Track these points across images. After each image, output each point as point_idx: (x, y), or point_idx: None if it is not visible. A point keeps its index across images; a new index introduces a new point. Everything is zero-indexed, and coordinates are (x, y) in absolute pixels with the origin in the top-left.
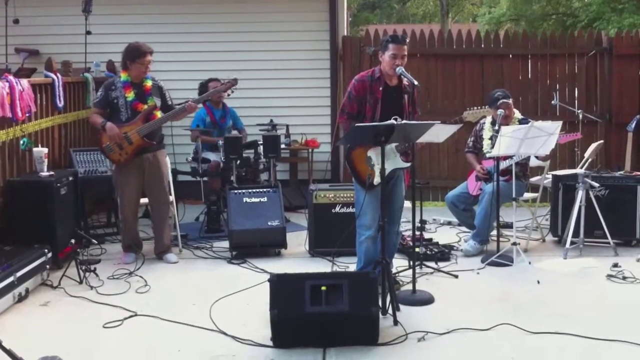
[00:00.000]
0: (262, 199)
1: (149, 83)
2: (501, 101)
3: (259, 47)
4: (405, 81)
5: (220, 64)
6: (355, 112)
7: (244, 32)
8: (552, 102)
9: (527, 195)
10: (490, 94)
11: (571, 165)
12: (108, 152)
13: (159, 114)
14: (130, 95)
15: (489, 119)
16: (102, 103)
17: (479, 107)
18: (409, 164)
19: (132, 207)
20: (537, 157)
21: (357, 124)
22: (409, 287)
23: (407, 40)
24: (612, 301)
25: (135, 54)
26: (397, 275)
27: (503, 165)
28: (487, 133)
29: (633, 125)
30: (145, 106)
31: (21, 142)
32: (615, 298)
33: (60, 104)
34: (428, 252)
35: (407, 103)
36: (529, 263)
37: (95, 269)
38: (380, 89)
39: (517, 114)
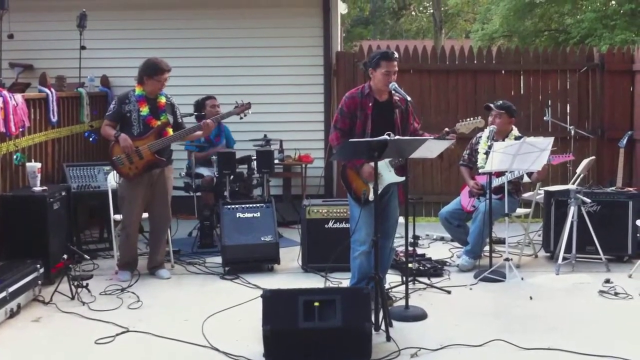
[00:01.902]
0: (255, 214)
1: (163, 100)
2: (490, 107)
3: (253, 63)
4: (396, 96)
5: (215, 79)
6: (347, 127)
7: (238, 47)
8: (545, 117)
9: (520, 210)
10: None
11: (563, 181)
12: (118, 164)
13: (170, 131)
14: (145, 110)
15: (485, 133)
16: (115, 116)
17: (472, 118)
18: (403, 178)
19: (137, 223)
20: (529, 176)
21: (350, 140)
22: (402, 302)
23: (397, 56)
24: (604, 317)
25: (153, 71)
26: (390, 290)
27: (496, 182)
28: (482, 147)
29: (624, 141)
30: (159, 122)
31: (14, 156)
32: (607, 314)
33: (54, 118)
34: (421, 267)
35: (398, 118)
36: (522, 279)
37: (87, 284)
38: (370, 104)
39: (515, 131)
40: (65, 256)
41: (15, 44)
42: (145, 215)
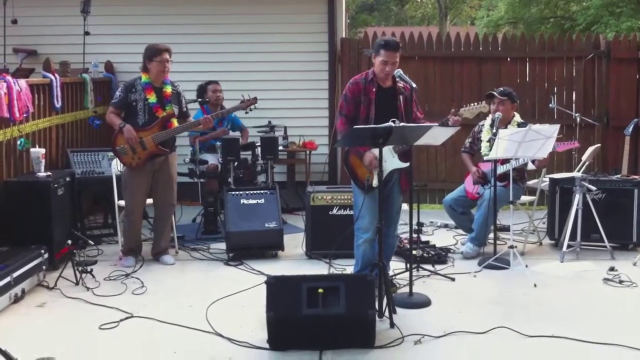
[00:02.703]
0: (259, 201)
1: (169, 89)
2: (493, 94)
3: (257, 49)
4: (400, 83)
5: (219, 65)
6: (352, 114)
7: (243, 33)
8: (550, 105)
9: (525, 198)
10: None
11: (568, 168)
12: (121, 154)
13: (175, 122)
14: (152, 98)
15: (488, 121)
16: (120, 104)
17: (477, 103)
18: (407, 164)
19: (140, 210)
20: (533, 163)
21: (355, 126)
22: (406, 289)
23: (400, 46)
24: (608, 305)
25: (152, 53)
26: (394, 277)
27: (501, 170)
28: (485, 135)
29: (630, 128)
30: (164, 113)
31: (18, 142)
32: (611, 302)
33: (58, 104)
34: (425, 254)
35: (401, 105)
36: (526, 266)
37: (91, 270)
38: (374, 89)
39: (517, 118)
40: (69, 242)
41: (19, 29)
42: (149, 201)
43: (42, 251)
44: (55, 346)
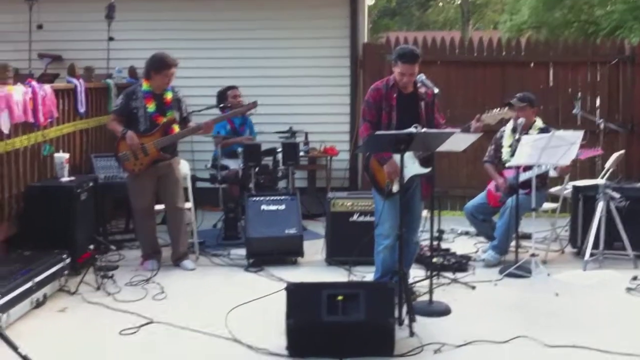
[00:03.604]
0: (280, 207)
1: (169, 95)
2: (512, 104)
3: (279, 54)
4: (421, 88)
5: (240, 70)
6: (375, 119)
7: (265, 38)
8: (574, 111)
9: (547, 205)
10: None
11: (592, 175)
12: (124, 160)
13: (176, 128)
14: (152, 106)
15: (509, 127)
16: (122, 111)
17: (499, 109)
18: (428, 169)
19: (147, 215)
20: (555, 170)
21: (377, 132)
22: (426, 297)
23: (419, 57)
24: (631, 314)
25: (160, 66)
26: (414, 285)
27: (523, 177)
28: (507, 140)
29: None
30: (165, 119)
31: (43, 147)
32: (634, 311)
33: (82, 109)
34: (445, 262)
35: (423, 110)
36: (548, 274)
37: (112, 275)
38: (395, 95)
39: (539, 122)
40: (91, 247)
41: (44, 34)
42: (161, 206)
43: (64, 256)
44: (75, 351)
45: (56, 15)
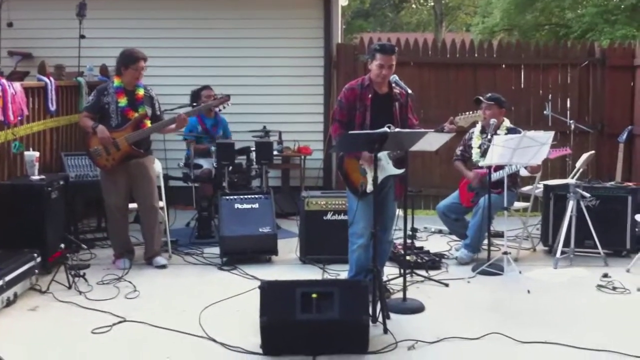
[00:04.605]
0: (253, 205)
1: (141, 91)
2: (480, 99)
3: (253, 54)
4: (395, 89)
5: (214, 69)
6: (346, 119)
7: (238, 38)
8: (545, 112)
9: (518, 204)
10: None
11: (562, 175)
12: (95, 156)
13: (148, 123)
14: (123, 101)
15: (478, 128)
16: (94, 107)
17: (472, 112)
18: (402, 170)
19: (120, 213)
20: (525, 169)
21: (350, 132)
22: (400, 295)
23: (396, 50)
24: (601, 311)
25: (129, 60)
26: (387, 283)
27: (494, 177)
28: (476, 142)
29: (624, 136)
30: (136, 114)
31: (13, 145)
32: (604, 308)
33: (53, 107)
34: (419, 260)
35: (397, 111)
36: (520, 272)
37: (84, 274)
38: (370, 96)
39: (507, 123)
40: (62, 245)
41: (15, 32)
42: (134, 205)
43: (35, 255)
44: (47, 350)
45: (26, 12)
